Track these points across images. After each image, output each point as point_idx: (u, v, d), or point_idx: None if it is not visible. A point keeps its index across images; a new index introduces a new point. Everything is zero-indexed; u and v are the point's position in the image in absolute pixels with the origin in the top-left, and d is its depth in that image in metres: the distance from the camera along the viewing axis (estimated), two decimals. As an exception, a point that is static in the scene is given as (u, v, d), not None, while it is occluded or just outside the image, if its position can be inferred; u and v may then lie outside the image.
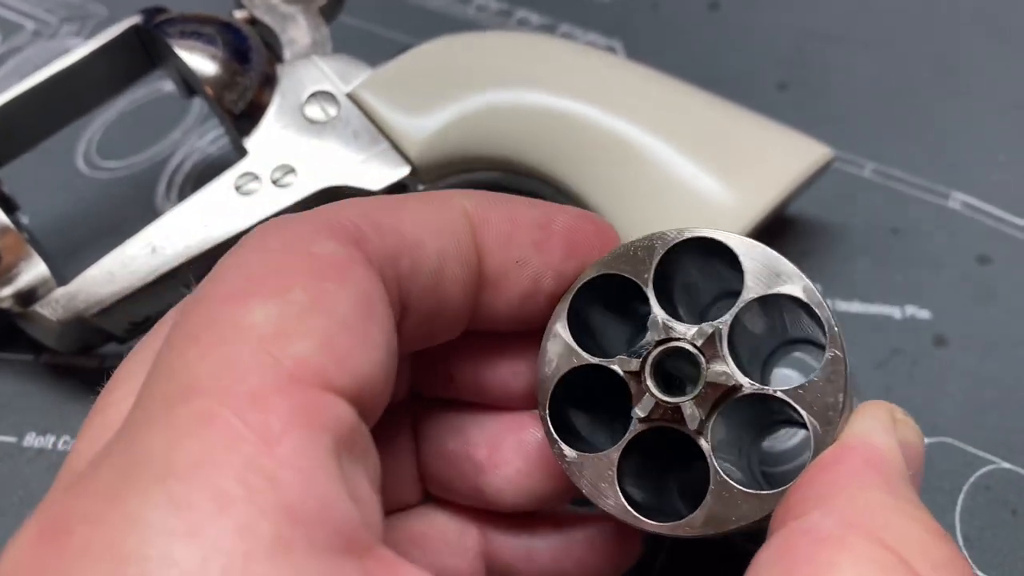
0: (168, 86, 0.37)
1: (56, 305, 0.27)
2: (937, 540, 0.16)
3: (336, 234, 0.17)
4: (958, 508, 0.27)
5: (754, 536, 0.18)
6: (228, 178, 0.28)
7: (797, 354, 0.25)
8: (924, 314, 0.31)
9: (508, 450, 0.21)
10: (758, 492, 0.18)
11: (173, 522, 0.13)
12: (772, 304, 0.20)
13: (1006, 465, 0.28)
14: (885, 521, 0.16)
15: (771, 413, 0.20)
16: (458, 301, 0.19)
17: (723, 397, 0.19)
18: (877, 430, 0.18)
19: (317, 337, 0.15)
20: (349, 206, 0.18)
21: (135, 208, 0.34)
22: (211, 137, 0.36)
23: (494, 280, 0.20)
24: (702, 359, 0.19)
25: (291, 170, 0.28)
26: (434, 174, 0.30)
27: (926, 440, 0.28)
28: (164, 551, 0.13)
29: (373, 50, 0.32)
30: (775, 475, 0.26)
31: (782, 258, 0.19)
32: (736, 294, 0.19)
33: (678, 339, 0.19)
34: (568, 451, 0.20)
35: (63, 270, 0.29)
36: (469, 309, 0.20)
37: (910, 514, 0.16)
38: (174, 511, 0.13)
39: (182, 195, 0.34)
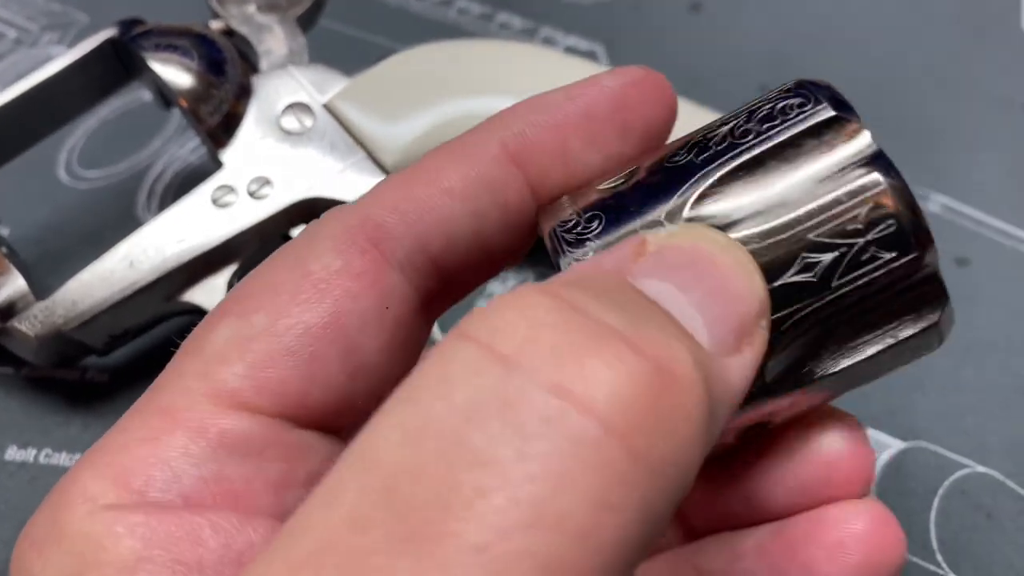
0: (149, 94, 0.37)
1: (34, 320, 0.27)
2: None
3: (346, 244, 0.18)
4: (933, 512, 0.27)
5: None
6: (204, 190, 0.28)
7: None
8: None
9: None
10: None
11: None
12: None
13: (981, 469, 0.28)
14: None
15: None
16: (515, 240, 0.19)
17: None
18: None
19: (245, 363, 0.17)
20: (385, 193, 0.19)
21: (116, 218, 0.34)
22: (192, 146, 0.36)
23: (563, 191, 0.19)
24: None
25: (267, 182, 0.29)
26: (411, 184, 0.30)
27: (902, 444, 0.29)
28: None
29: (352, 54, 0.32)
30: None
31: None
32: None
33: None
34: None
35: (44, 281, 0.29)
36: (533, 236, 0.19)
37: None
38: None
39: (163, 205, 0.34)
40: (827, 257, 0.17)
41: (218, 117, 0.29)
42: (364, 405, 0.18)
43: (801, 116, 0.17)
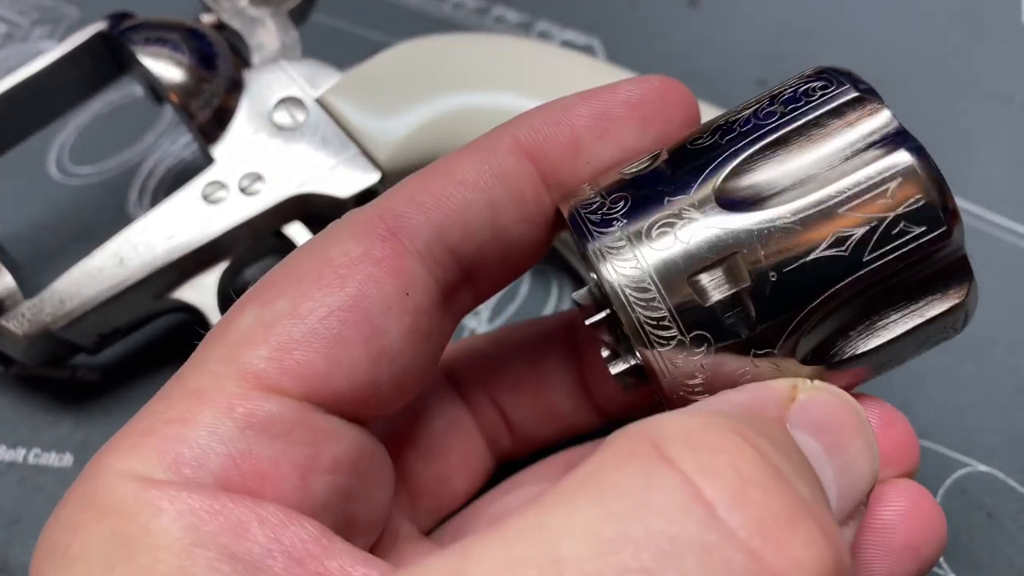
0: (141, 89, 0.36)
1: (22, 319, 0.27)
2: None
3: (365, 232, 0.18)
4: (934, 512, 0.27)
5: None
6: (195, 187, 0.28)
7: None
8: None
9: None
10: None
11: None
12: None
13: (982, 468, 0.28)
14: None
15: None
16: (534, 234, 0.19)
17: None
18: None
19: (270, 346, 0.17)
20: (401, 189, 0.19)
21: (107, 215, 0.34)
22: (184, 141, 0.36)
23: (575, 182, 0.19)
24: None
25: (259, 177, 0.28)
26: (405, 179, 0.29)
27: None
28: None
29: (346, 48, 0.32)
30: None
31: None
32: None
33: None
34: None
35: (34, 279, 0.28)
36: (552, 231, 0.20)
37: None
38: None
39: (155, 201, 0.34)
40: (858, 232, 0.17)
41: (209, 112, 0.28)
42: (387, 394, 0.18)
43: (824, 97, 0.18)
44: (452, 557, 0.13)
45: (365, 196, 0.29)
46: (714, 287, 0.17)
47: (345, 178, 0.29)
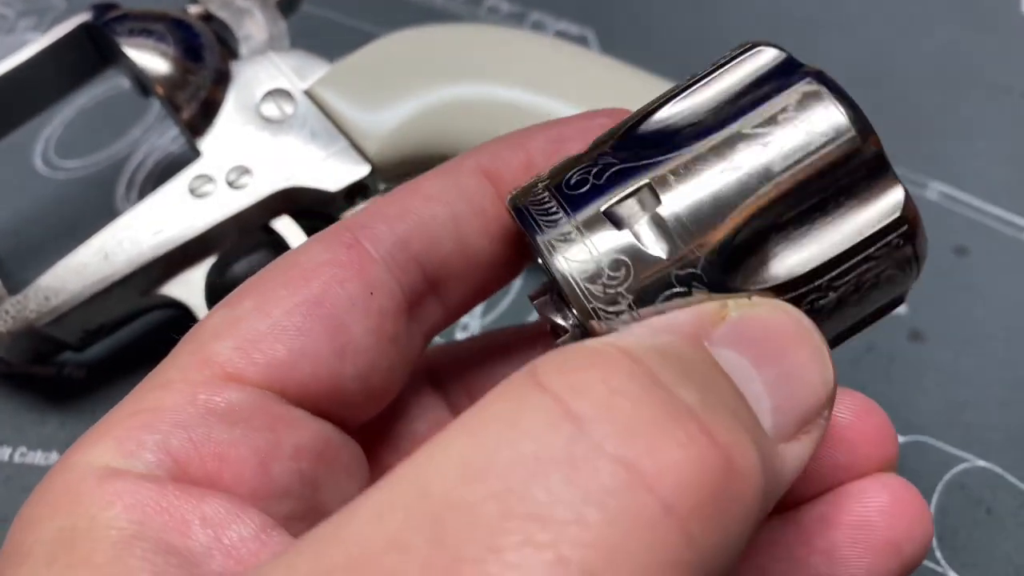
0: (128, 81, 0.36)
1: (6, 316, 0.26)
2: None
3: (331, 240, 0.19)
4: (932, 507, 0.27)
5: None
6: (182, 180, 0.28)
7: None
8: (900, 309, 0.30)
9: None
10: None
11: None
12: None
13: (981, 463, 0.27)
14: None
15: None
16: (498, 250, 0.20)
17: None
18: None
19: (236, 339, 0.18)
20: (369, 206, 0.20)
21: (94, 209, 0.33)
22: (173, 134, 0.35)
23: None
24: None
25: (247, 171, 0.28)
26: (395, 172, 0.29)
27: (901, 439, 0.28)
28: None
29: (335, 39, 0.31)
30: None
31: None
32: None
33: None
34: None
35: (19, 274, 0.28)
36: (515, 251, 0.20)
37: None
38: None
39: (143, 195, 0.33)
40: (764, 148, 0.17)
41: (195, 104, 0.28)
42: (353, 392, 0.19)
43: (735, 58, 0.18)
44: (337, 514, 0.13)
45: (355, 189, 0.28)
46: (630, 215, 0.17)
47: (334, 171, 0.28)
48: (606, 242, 0.17)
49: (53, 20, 0.38)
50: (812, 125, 0.17)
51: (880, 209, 0.17)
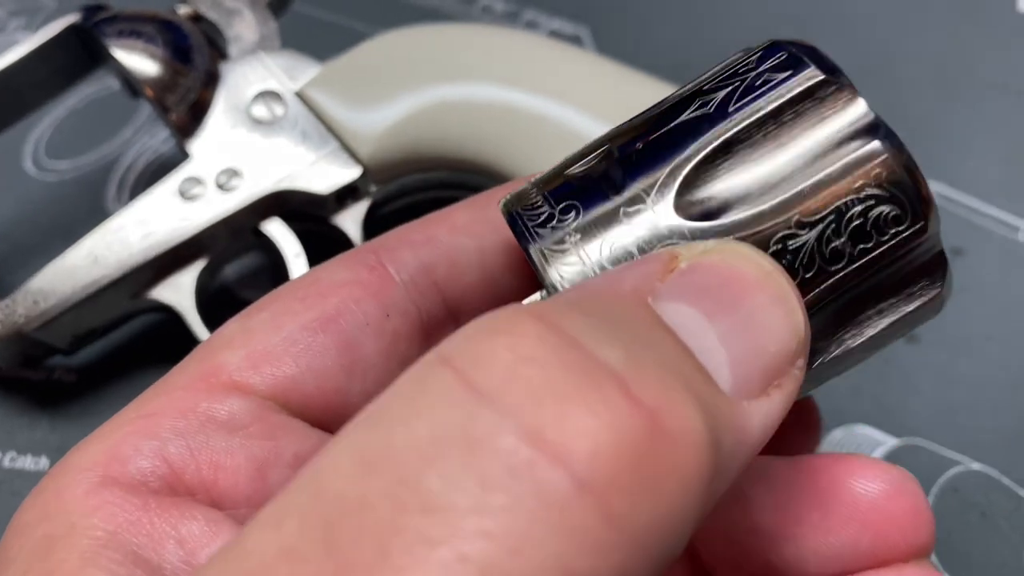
0: (118, 82, 0.35)
1: (-6, 319, 0.26)
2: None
3: (354, 261, 0.19)
4: (927, 511, 0.27)
5: None
6: (171, 183, 0.27)
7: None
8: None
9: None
10: None
11: None
12: None
13: (975, 466, 0.27)
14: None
15: None
16: (519, 285, 0.20)
17: None
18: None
19: (247, 349, 0.18)
20: (397, 230, 0.20)
21: (85, 211, 0.33)
22: (164, 136, 0.35)
23: None
24: None
25: (237, 173, 0.27)
26: (387, 174, 0.29)
27: (895, 441, 0.28)
28: None
29: (326, 40, 0.31)
30: None
31: None
32: None
33: None
34: None
35: (9, 278, 0.28)
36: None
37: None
38: None
39: (133, 197, 0.33)
40: (831, 236, 0.16)
41: (185, 106, 0.28)
42: (358, 408, 0.18)
43: (787, 82, 0.16)
44: (248, 523, 0.12)
45: (346, 192, 0.28)
46: None
47: (325, 173, 0.28)
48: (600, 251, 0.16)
49: (44, 20, 0.38)
50: (885, 220, 0.16)
51: (924, 294, 0.17)
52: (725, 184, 0.16)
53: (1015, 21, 0.38)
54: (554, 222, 0.17)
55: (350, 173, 0.28)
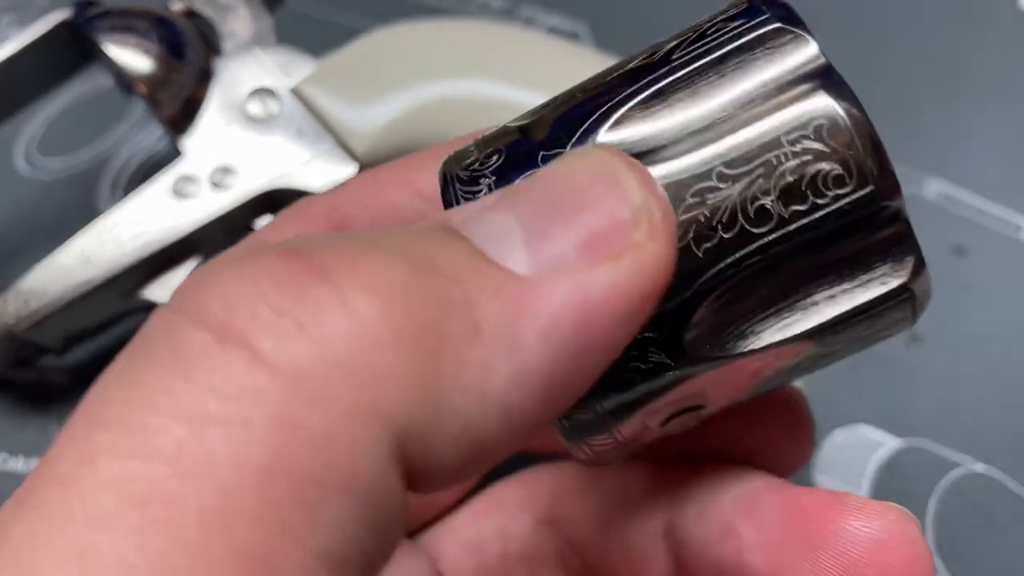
0: (112, 79, 0.35)
1: (-16, 320, 0.26)
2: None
3: (309, 228, 0.18)
4: (930, 514, 0.26)
5: None
6: (164, 181, 0.27)
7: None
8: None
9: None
10: None
11: None
12: None
13: (980, 467, 0.27)
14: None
15: None
16: None
17: None
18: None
19: None
20: (354, 187, 0.19)
21: (77, 210, 0.32)
22: (158, 134, 0.34)
23: None
24: None
25: (231, 171, 0.27)
26: (383, 172, 0.28)
27: (899, 442, 0.28)
28: None
29: (322, 36, 0.31)
30: None
31: None
32: None
33: None
34: None
35: (0, 276, 0.27)
36: None
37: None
38: None
39: (127, 195, 0.33)
40: (759, 196, 0.14)
41: (178, 103, 0.27)
42: None
43: (738, 29, 0.15)
44: None
45: (342, 190, 0.28)
46: None
47: (321, 171, 0.27)
48: None
49: (36, 16, 0.38)
50: (828, 179, 0.14)
51: (887, 281, 0.15)
52: (650, 129, 0.14)
53: (1017, 19, 0.38)
54: (476, 166, 0.15)
55: (346, 171, 0.28)
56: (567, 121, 0.15)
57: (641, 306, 0.13)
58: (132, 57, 0.27)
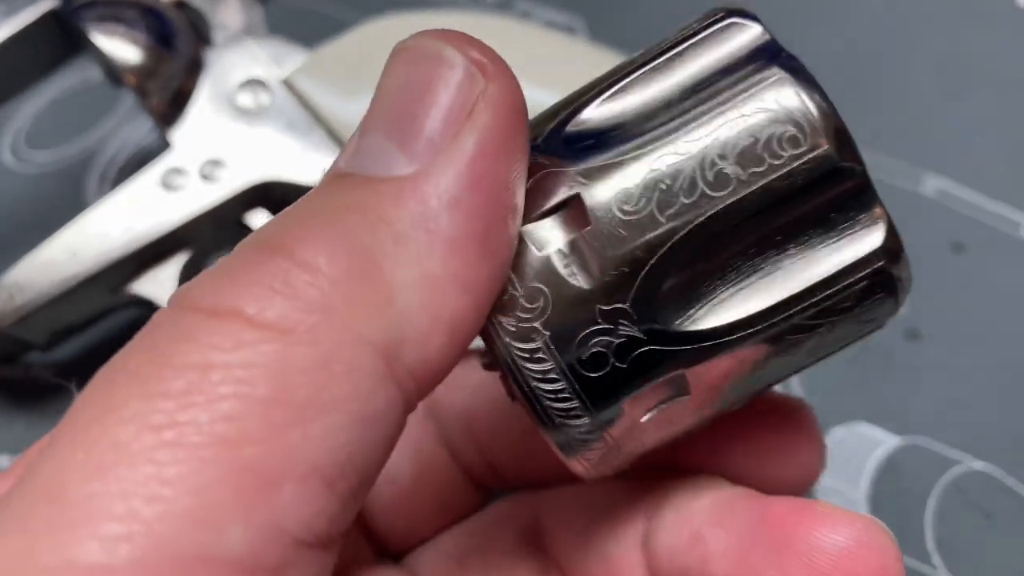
0: (100, 71, 0.34)
1: (-32, 315, 0.25)
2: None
3: None
4: (929, 512, 0.26)
5: None
6: (153, 173, 0.26)
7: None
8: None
9: None
10: None
11: None
12: None
13: (979, 465, 0.27)
14: None
15: None
16: None
17: None
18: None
19: None
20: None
21: (65, 204, 0.32)
22: (147, 126, 0.34)
23: None
24: None
25: (221, 164, 0.27)
26: (376, 166, 0.28)
27: (898, 440, 0.27)
28: None
29: (313, 26, 0.30)
30: None
31: None
32: None
33: None
34: None
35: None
36: None
37: None
38: None
39: (115, 188, 0.32)
40: (715, 160, 0.14)
41: (167, 94, 0.27)
42: None
43: (699, 32, 0.16)
44: None
45: (334, 183, 0.27)
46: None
47: (312, 164, 0.27)
48: (520, 267, 0.15)
49: (23, 5, 0.37)
50: (781, 141, 0.14)
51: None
52: (610, 112, 0.16)
53: (1016, 16, 0.37)
54: None
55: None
56: (541, 120, 0.16)
57: (514, 130, 0.14)
58: (121, 48, 0.27)
